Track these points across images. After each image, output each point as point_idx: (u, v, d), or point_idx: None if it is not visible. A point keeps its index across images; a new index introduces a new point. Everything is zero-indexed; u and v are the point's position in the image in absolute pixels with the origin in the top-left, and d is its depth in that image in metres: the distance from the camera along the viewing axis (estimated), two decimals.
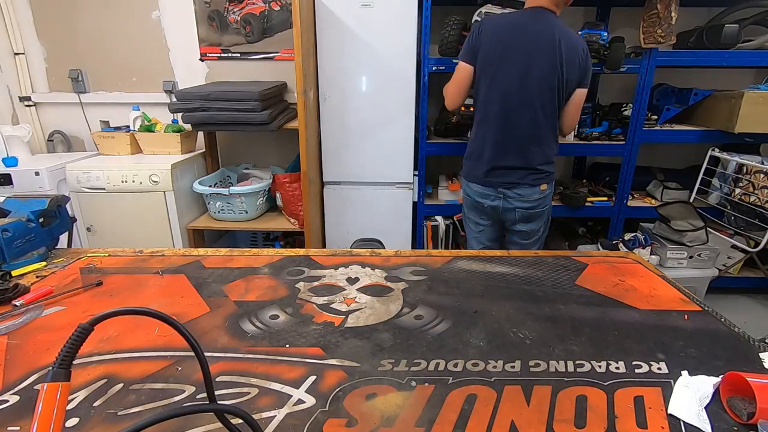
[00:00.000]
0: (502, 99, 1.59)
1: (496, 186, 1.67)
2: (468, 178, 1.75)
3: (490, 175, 1.66)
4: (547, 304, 0.95)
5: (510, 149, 1.63)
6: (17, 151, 2.46)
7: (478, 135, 1.68)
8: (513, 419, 0.63)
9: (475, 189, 1.72)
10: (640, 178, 2.58)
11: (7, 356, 0.77)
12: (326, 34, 2.25)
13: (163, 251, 1.21)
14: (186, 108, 2.23)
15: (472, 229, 1.84)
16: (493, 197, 1.68)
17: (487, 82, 1.60)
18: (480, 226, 1.80)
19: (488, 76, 1.59)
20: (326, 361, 0.76)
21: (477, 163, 1.69)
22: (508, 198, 1.66)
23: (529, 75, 1.54)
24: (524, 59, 1.54)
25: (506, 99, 1.58)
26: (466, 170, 1.76)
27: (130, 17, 2.61)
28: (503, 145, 1.63)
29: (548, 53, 1.52)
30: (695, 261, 2.36)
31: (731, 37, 2.21)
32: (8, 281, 0.99)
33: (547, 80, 1.55)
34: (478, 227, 1.81)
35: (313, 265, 1.13)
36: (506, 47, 1.54)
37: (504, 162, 1.64)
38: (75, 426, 0.62)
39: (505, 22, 1.58)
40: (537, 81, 1.55)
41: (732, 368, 0.70)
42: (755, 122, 2.18)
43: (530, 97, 1.57)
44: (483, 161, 1.66)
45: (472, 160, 1.72)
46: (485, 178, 1.67)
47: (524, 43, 1.53)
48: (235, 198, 2.35)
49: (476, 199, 1.73)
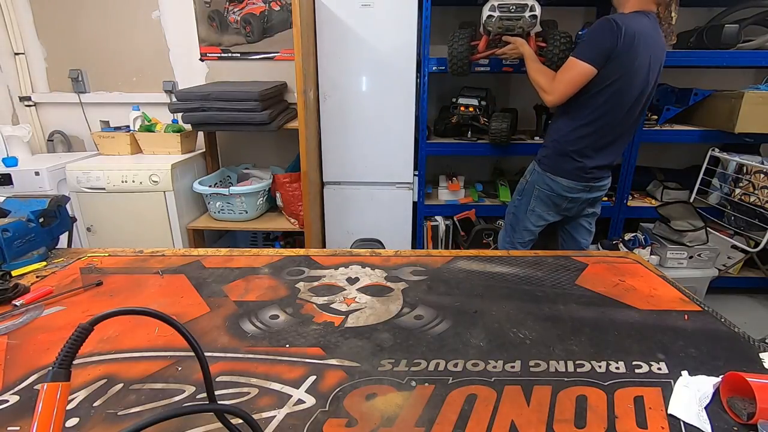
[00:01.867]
0: (624, 108, 1.59)
1: (588, 180, 1.70)
2: (556, 172, 1.72)
3: (588, 172, 1.69)
4: (547, 304, 0.95)
5: (609, 151, 1.69)
6: (17, 151, 2.46)
7: (581, 133, 1.66)
8: (513, 419, 0.63)
9: (562, 183, 1.72)
10: (640, 178, 2.58)
11: (7, 356, 0.77)
12: (326, 34, 2.25)
13: (163, 251, 1.21)
14: (186, 108, 2.23)
15: (531, 223, 1.82)
16: (579, 190, 1.72)
17: (611, 88, 1.55)
18: (542, 221, 1.81)
19: (616, 84, 1.55)
20: (326, 361, 0.76)
21: (573, 160, 1.69)
22: (592, 189, 1.74)
23: (649, 86, 1.59)
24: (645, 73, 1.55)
25: (625, 107, 1.59)
26: (553, 164, 1.73)
27: (130, 17, 2.61)
28: (607, 146, 1.67)
29: (658, 66, 1.58)
30: (695, 261, 2.36)
31: (731, 37, 2.21)
32: (8, 281, 0.99)
33: (653, 90, 1.63)
34: (540, 221, 1.81)
35: (313, 265, 1.13)
36: (640, 59, 1.52)
37: (604, 162, 1.70)
38: (75, 426, 0.62)
39: (639, 29, 1.50)
40: (647, 95, 1.61)
41: (732, 368, 0.70)
42: (755, 122, 2.18)
43: (642, 107, 1.63)
44: (584, 159, 1.67)
45: (565, 155, 1.70)
46: (580, 174, 1.69)
47: (649, 57, 1.54)
48: (235, 198, 2.35)
49: (561, 193, 1.73)
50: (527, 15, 1.82)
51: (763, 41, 2.31)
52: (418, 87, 2.31)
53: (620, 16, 1.51)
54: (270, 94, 2.32)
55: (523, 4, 1.82)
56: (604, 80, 1.54)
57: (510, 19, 1.84)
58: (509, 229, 1.92)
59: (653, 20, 1.55)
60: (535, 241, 1.88)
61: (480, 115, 2.35)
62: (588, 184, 1.71)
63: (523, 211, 1.83)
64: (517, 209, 1.86)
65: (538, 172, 1.77)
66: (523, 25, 1.86)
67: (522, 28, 1.88)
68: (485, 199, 2.60)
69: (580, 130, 1.65)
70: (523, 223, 1.84)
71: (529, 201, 1.81)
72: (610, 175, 1.78)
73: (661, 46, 1.57)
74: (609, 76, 1.53)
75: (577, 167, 1.68)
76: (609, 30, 1.48)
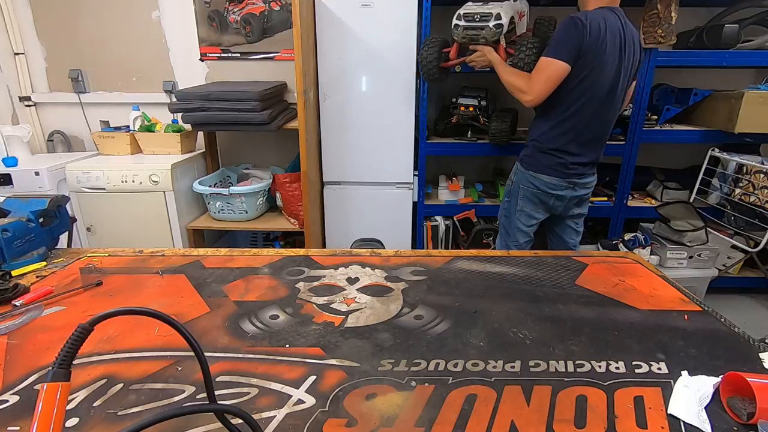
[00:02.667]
0: (597, 101, 1.62)
1: (571, 177, 1.72)
2: (538, 169, 1.74)
3: (570, 168, 1.70)
4: (547, 304, 0.95)
5: (589, 147, 1.71)
6: (17, 151, 2.46)
7: (559, 130, 1.68)
8: (513, 419, 0.63)
9: (545, 180, 1.73)
10: (640, 178, 2.58)
11: (7, 356, 0.77)
12: (326, 34, 2.25)
13: (163, 251, 1.21)
14: (186, 108, 2.23)
15: (522, 224, 1.83)
16: (563, 187, 1.73)
17: (583, 84, 1.59)
18: (533, 220, 1.82)
19: (588, 80, 1.58)
20: (326, 361, 0.76)
21: (553, 156, 1.71)
22: (576, 187, 1.75)
23: (620, 79, 1.61)
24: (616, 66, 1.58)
25: (598, 101, 1.62)
26: (535, 162, 1.74)
27: (130, 17, 2.61)
28: (587, 141, 1.69)
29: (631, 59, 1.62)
30: (695, 261, 2.37)
31: (731, 37, 2.21)
32: (8, 281, 0.99)
33: (627, 83, 1.67)
34: (530, 221, 1.82)
35: (313, 265, 1.13)
36: (608, 52, 1.55)
37: (586, 158, 1.71)
38: (75, 426, 0.62)
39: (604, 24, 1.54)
40: (621, 86, 1.64)
41: (732, 368, 0.70)
42: (755, 122, 2.18)
43: (616, 100, 1.66)
44: (564, 155, 1.69)
45: (545, 152, 1.72)
46: (562, 170, 1.70)
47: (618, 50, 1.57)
48: (235, 198, 2.35)
49: (546, 190, 1.74)
50: (491, 24, 1.75)
51: (763, 41, 2.31)
52: (417, 87, 2.31)
53: (584, 14, 1.55)
54: (270, 94, 2.32)
55: (487, 14, 1.76)
56: (576, 76, 1.58)
57: (474, 29, 1.78)
58: (503, 233, 1.93)
59: (620, 14, 1.59)
60: (533, 242, 1.88)
61: (480, 115, 2.35)
62: (571, 180, 1.73)
63: (513, 212, 1.85)
64: (507, 211, 1.88)
65: (521, 171, 1.79)
66: (486, 35, 1.78)
67: (485, 38, 1.79)
68: (485, 199, 2.60)
69: (557, 128, 1.68)
70: (514, 224, 1.85)
71: (517, 201, 1.83)
72: (595, 174, 1.80)
73: (633, 38, 1.61)
74: (579, 72, 1.57)
75: (557, 163, 1.70)
76: (574, 27, 1.52)
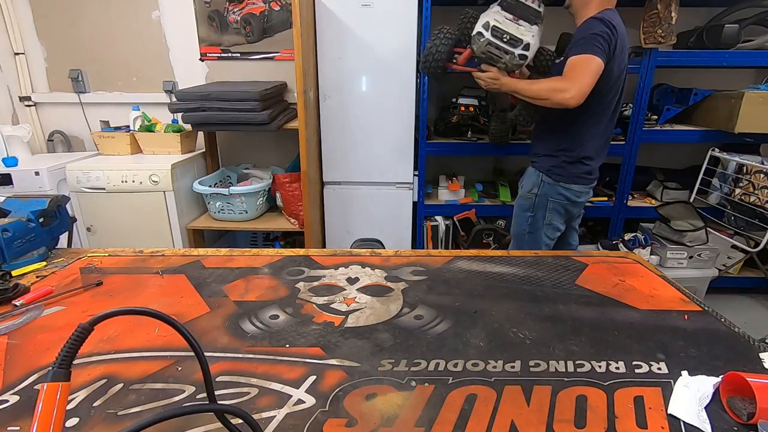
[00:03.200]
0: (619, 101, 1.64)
1: (592, 182, 1.71)
2: (569, 180, 1.67)
3: (592, 174, 1.69)
4: (547, 304, 0.95)
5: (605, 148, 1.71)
6: (17, 151, 2.46)
7: (591, 135, 1.63)
8: (513, 419, 0.63)
9: (575, 189, 1.68)
10: (640, 178, 2.58)
11: (7, 356, 0.77)
12: (326, 34, 2.25)
13: (163, 251, 1.20)
14: (186, 108, 2.23)
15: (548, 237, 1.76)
16: (586, 193, 1.72)
17: (617, 85, 1.59)
18: (557, 233, 1.77)
19: (620, 81, 1.59)
20: (326, 361, 0.76)
21: (582, 165, 1.66)
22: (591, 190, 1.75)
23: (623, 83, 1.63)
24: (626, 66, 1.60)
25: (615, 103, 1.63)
26: (565, 173, 1.67)
27: (130, 17, 2.61)
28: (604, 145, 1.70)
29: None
30: (695, 261, 2.37)
31: (731, 37, 2.21)
32: (8, 281, 0.99)
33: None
34: (555, 233, 1.77)
35: (313, 265, 1.13)
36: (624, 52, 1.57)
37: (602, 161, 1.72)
38: (75, 426, 0.62)
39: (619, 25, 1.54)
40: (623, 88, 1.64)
41: (732, 368, 0.70)
42: (755, 122, 2.18)
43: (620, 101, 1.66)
44: (590, 161, 1.67)
45: (576, 162, 1.66)
46: (588, 177, 1.69)
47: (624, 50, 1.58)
48: (235, 198, 2.35)
49: (574, 200, 1.70)
50: (517, 53, 1.57)
51: (763, 41, 2.31)
52: (418, 87, 2.31)
53: (603, 14, 1.52)
54: (270, 94, 2.32)
55: (518, 39, 1.56)
56: (608, 77, 1.53)
57: (498, 48, 1.58)
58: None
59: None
60: None
61: (480, 115, 2.35)
62: (592, 185, 1.73)
63: (539, 226, 1.76)
64: (532, 227, 1.77)
65: (549, 183, 1.70)
66: (507, 62, 1.60)
67: (505, 65, 1.62)
68: (485, 199, 2.60)
69: (592, 131, 1.63)
70: (540, 240, 1.77)
71: (544, 215, 1.73)
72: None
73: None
74: (610, 72, 1.53)
75: (585, 171, 1.68)
76: (606, 26, 1.48)
